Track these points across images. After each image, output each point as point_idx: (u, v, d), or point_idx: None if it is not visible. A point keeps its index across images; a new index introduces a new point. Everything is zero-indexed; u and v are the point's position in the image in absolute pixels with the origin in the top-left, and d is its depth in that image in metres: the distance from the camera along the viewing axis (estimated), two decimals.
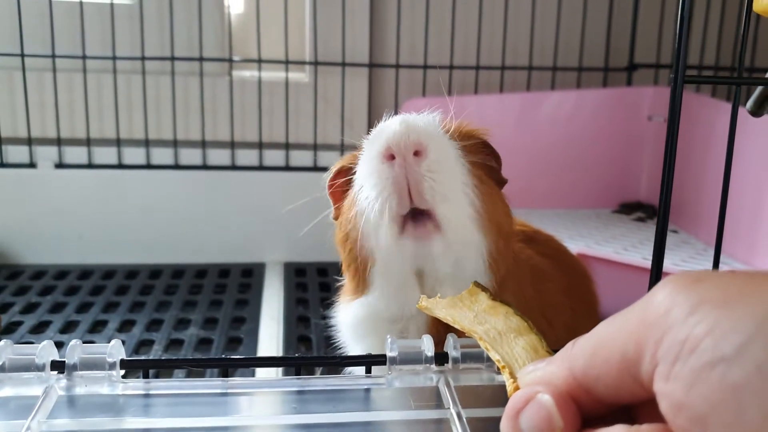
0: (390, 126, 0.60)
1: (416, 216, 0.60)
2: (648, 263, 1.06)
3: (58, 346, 1.02)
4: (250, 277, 1.35)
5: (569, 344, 0.39)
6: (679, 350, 0.31)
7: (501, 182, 0.70)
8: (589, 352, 0.36)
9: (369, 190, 0.60)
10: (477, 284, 0.55)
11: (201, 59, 1.36)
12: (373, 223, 0.60)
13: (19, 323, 1.11)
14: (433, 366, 0.57)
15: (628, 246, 1.20)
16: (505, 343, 0.49)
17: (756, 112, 0.62)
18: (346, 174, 0.68)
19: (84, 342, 1.02)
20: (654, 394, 0.33)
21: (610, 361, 0.35)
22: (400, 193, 0.58)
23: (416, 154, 0.58)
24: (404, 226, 0.60)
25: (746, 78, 0.59)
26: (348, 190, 0.67)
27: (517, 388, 0.43)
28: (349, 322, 0.68)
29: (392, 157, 0.58)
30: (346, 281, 0.70)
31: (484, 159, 0.67)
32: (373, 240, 0.62)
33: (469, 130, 0.67)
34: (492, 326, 0.51)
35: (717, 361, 0.29)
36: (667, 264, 1.05)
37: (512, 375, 0.46)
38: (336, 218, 0.71)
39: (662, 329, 0.32)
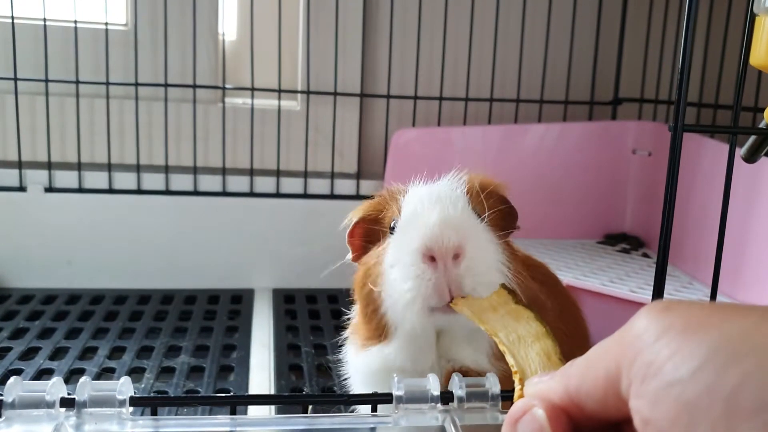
0: (428, 223, 0.62)
1: None
2: (635, 296, 1.08)
3: (48, 373, 1.03)
4: (239, 303, 1.35)
5: (568, 364, 0.42)
6: (646, 371, 0.34)
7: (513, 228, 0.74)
8: (581, 371, 0.40)
9: (405, 281, 0.63)
10: (504, 287, 0.59)
11: (194, 86, 1.37)
12: (402, 305, 0.63)
13: (8, 349, 1.10)
14: (439, 405, 0.58)
15: (615, 278, 1.23)
16: (522, 348, 0.53)
17: (750, 158, 0.65)
18: (366, 224, 0.72)
19: (74, 369, 1.03)
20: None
21: (597, 380, 0.38)
22: (440, 293, 0.62)
23: (455, 256, 0.62)
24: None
25: (742, 127, 0.62)
26: (369, 239, 0.71)
27: (521, 396, 0.47)
28: (362, 370, 0.71)
29: (432, 258, 0.61)
30: (361, 322, 0.72)
31: (504, 212, 0.71)
32: (400, 314, 0.65)
33: (487, 182, 0.71)
34: (513, 330, 0.55)
35: (675, 382, 0.33)
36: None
37: (521, 381, 0.50)
38: (355, 260, 0.74)
39: (635, 351, 0.36)
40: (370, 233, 0.72)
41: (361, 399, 0.60)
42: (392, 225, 0.70)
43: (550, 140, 1.46)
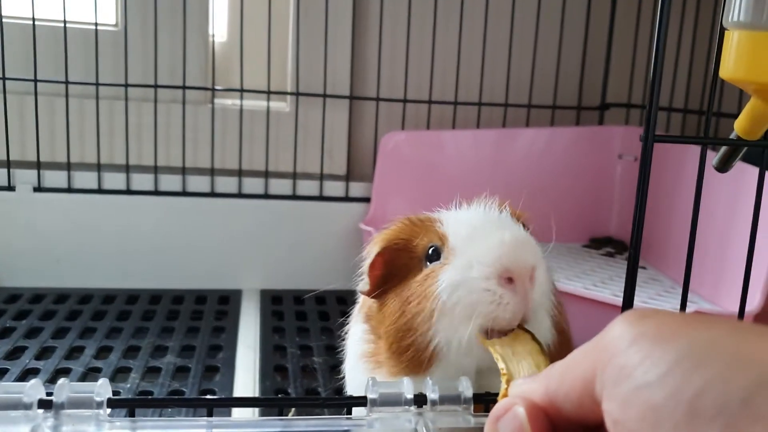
0: (502, 242, 0.60)
1: None
2: (617, 300, 1.09)
3: (34, 372, 1.03)
4: (226, 304, 1.36)
5: (550, 366, 0.44)
6: (618, 374, 0.36)
7: None
8: (560, 374, 0.42)
9: (477, 305, 0.60)
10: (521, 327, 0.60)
11: (184, 87, 1.37)
12: (463, 330, 0.60)
13: None
14: (412, 408, 0.59)
15: (598, 282, 1.24)
16: (515, 359, 0.56)
17: (721, 168, 0.66)
18: (390, 254, 0.68)
19: (60, 369, 1.04)
20: None
21: (575, 382, 0.40)
22: (516, 316, 0.59)
23: (530, 278, 0.60)
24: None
25: (713, 138, 0.63)
26: (390, 271, 0.68)
27: (506, 396, 0.49)
28: None
29: (509, 280, 0.59)
30: (388, 354, 0.66)
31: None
32: (453, 345, 0.62)
33: (515, 211, 0.71)
34: (509, 345, 0.58)
35: (644, 386, 0.34)
36: (636, 301, 1.08)
37: (508, 383, 0.53)
38: (369, 294, 0.70)
39: (609, 355, 0.37)
40: (393, 264, 0.68)
41: (336, 402, 0.61)
42: (429, 252, 0.65)
43: (539, 144, 1.47)
